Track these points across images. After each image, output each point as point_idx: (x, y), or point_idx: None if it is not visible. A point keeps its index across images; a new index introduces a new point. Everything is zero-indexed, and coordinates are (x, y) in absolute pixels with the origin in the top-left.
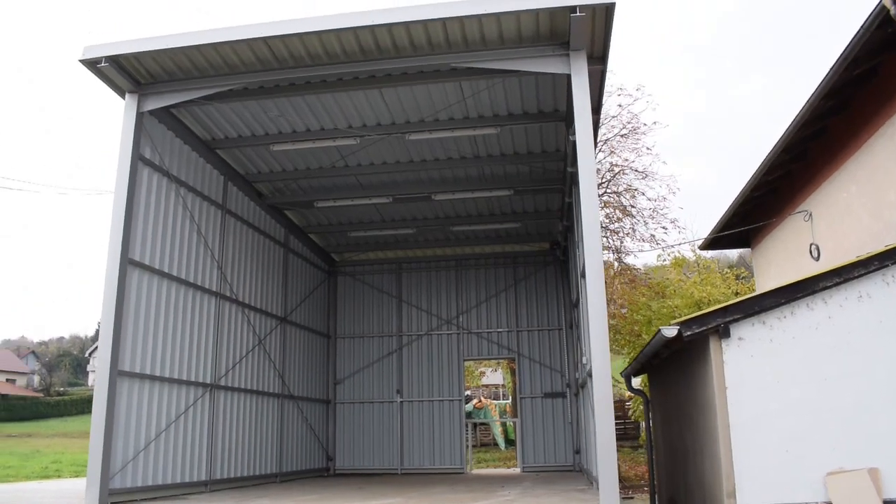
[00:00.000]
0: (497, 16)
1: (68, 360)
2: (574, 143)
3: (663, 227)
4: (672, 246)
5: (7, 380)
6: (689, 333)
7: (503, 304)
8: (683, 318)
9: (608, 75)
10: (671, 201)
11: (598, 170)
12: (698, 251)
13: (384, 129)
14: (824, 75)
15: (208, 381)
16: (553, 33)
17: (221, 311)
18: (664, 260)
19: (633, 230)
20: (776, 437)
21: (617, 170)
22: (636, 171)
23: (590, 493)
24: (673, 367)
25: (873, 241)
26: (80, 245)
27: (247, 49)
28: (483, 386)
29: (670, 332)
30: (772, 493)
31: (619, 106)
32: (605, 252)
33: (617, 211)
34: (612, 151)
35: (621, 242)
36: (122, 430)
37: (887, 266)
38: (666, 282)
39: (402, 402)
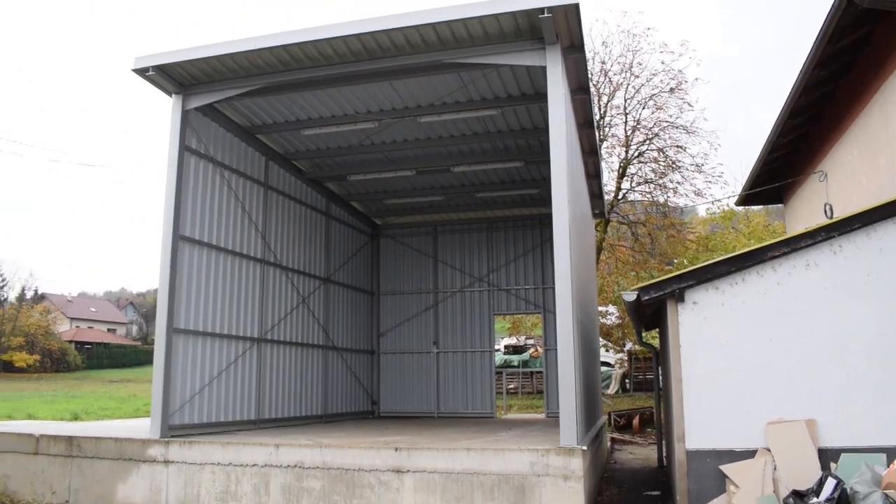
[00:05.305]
0: (479, 19)
1: None
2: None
3: (708, 182)
4: (712, 202)
5: (108, 329)
6: (647, 298)
7: (531, 263)
8: (643, 284)
9: (652, 32)
10: (712, 157)
11: (643, 127)
12: (747, 207)
13: (398, 114)
14: (811, 45)
15: (255, 336)
16: (533, 28)
17: (266, 275)
18: (713, 214)
19: (679, 185)
20: (724, 391)
21: (664, 125)
22: (681, 127)
23: None
24: (662, 324)
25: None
26: None
27: (269, 55)
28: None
29: (630, 296)
30: (716, 439)
31: (662, 63)
32: (651, 207)
33: (661, 165)
34: (658, 108)
35: (666, 197)
36: (179, 377)
37: (833, 237)
38: (711, 236)
39: (438, 352)
